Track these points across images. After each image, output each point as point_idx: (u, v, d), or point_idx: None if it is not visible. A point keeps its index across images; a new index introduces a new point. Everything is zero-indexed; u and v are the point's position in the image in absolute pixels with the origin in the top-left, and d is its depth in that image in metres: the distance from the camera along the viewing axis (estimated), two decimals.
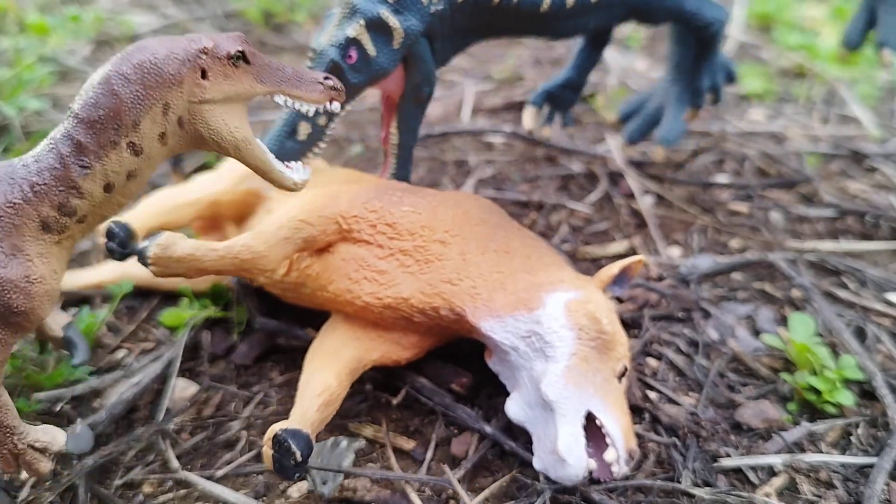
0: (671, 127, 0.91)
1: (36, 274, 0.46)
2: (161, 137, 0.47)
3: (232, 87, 0.47)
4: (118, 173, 0.46)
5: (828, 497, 0.56)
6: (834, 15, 1.67)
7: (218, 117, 0.47)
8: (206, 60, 0.46)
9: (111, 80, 0.45)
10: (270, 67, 0.49)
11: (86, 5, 1.57)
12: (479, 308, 0.55)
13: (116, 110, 0.45)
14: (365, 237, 0.58)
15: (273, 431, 0.51)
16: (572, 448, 0.49)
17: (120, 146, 0.45)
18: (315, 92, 0.50)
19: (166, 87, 0.45)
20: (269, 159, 0.50)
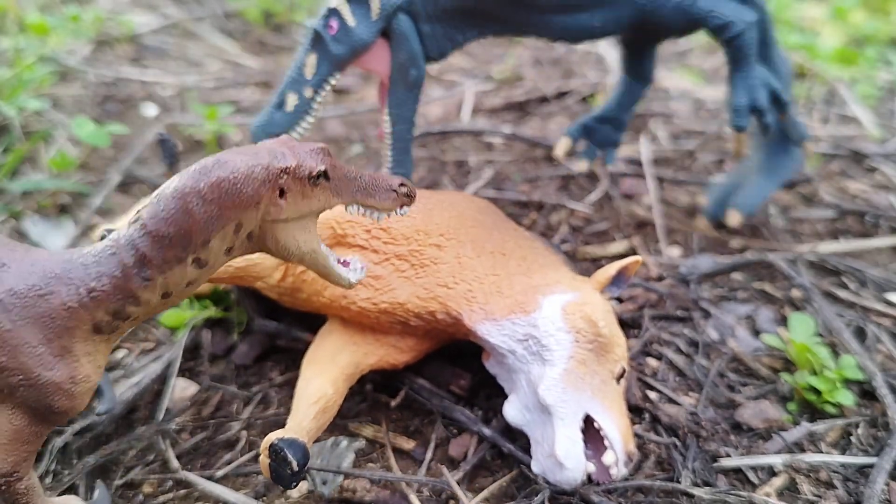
0: (751, 194, 0.84)
1: (81, 375, 0.44)
2: (228, 252, 0.45)
3: (308, 206, 0.46)
4: (179, 284, 0.45)
5: (828, 497, 0.56)
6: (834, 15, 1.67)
7: (289, 234, 0.46)
8: (287, 182, 0.44)
9: (187, 198, 0.42)
10: (347, 179, 0.47)
11: (86, 5, 1.57)
12: (476, 311, 0.55)
13: (188, 230, 0.43)
14: (360, 242, 0.58)
15: (269, 441, 0.50)
16: (570, 451, 0.49)
17: (186, 262, 0.44)
18: (388, 200, 0.48)
19: (243, 209, 0.43)
20: (329, 264, 0.48)
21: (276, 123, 0.63)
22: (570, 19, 0.69)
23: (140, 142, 1.06)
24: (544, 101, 1.25)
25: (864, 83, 1.34)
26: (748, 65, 0.73)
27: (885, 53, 1.50)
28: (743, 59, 0.73)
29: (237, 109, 1.18)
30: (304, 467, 0.50)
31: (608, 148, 0.89)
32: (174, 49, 1.42)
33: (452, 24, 0.68)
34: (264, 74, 1.32)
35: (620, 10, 0.70)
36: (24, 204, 0.92)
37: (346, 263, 0.50)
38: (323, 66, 0.63)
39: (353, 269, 0.50)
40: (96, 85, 1.25)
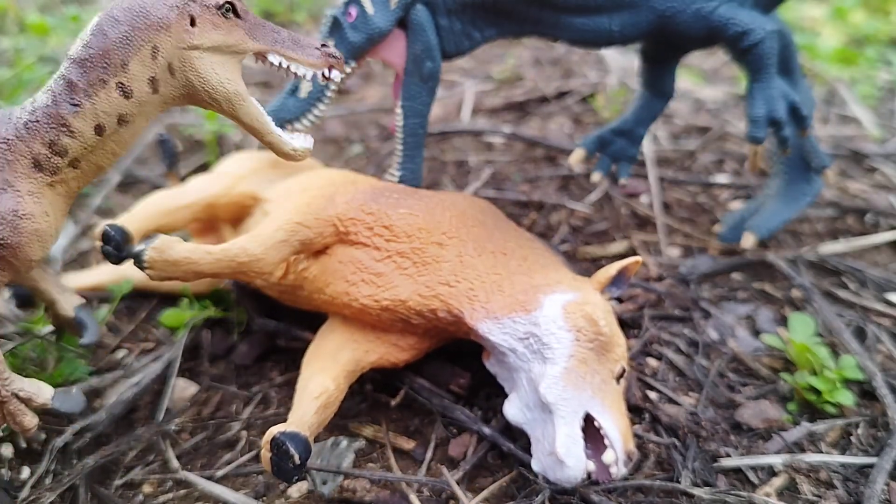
0: (768, 218, 0.82)
1: (25, 210, 0.47)
2: (151, 82, 0.48)
3: (222, 38, 0.48)
4: (108, 114, 0.47)
5: (828, 497, 0.56)
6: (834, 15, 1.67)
7: (208, 66, 0.48)
8: (195, 7, 0.48)
9: (101, 22, 0.47)
10: (265, 27, 0.50)
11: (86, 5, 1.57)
12: (477, 310, 0.55)
13: (105, 49, 0.46)
14: (362, 239, 0.58)
15: (271, 434, 0.51)
16: (571, 449, 0.49)
17: (109, 85, 0.47)
18: (312, 56, 0.50)
19: (154, 30, 0.47)
20: (265, 120, 0.50)
21: (289, 109, 0.63)
22: (588, 21, 0.69)
23: (140, 142, 1.06)
24: (544, 101, 1.25)
25: (864, 83, 1.34)
26: (767, 75, 0.71)
27: (885, 53, 1.50)
28: (762, 69, 0.70)
29: None
30: (305, 461, 0.50)
31: (623, 161, 0.86)
32: None
33: (470, 20, 0.68)
34: (264, 74, 1.32)
35: (639, 15, 0.69)
36: None
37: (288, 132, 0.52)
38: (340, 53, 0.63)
39: (297, 136, 0.51)
40: None
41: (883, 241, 0.87)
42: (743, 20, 0.68)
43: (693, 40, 0.73)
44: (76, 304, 0.62)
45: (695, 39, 0.72)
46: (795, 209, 0.83)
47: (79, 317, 0.62)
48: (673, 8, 0.68)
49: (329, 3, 1.72)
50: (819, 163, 0.81)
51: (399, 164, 0.68)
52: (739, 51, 0.70)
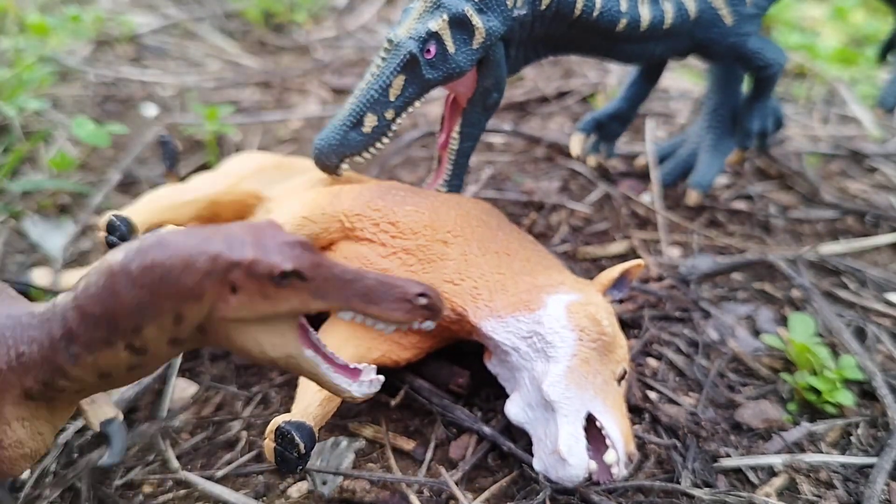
0: (704, 172, 0.90)
1: (10, 439, 0.41)
2: (173, 342, 0.39)
3: (272, 308, 0.38)
4: (116, 367, 0.40)
5: (828, 497, 0.56)
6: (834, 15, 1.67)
7: (250, 336, 0.39)
8: (240, 278, 0.37)
9: (115, 277, 0.38)
10: (338, 280, 0.39)
11: (86, 5, 1.57)
12: (481, 308, 0.55)
13: (113, 312, 0.38)
14: (368, 235, 0.58)
15: (276, 424, 0.50)
16: (573, 448, 0.49)
17: (116, 346, 0.39)
18: (399, 311, 0.39)
19: (179, 299, 0.37)
20: (321, 371, 0.41)
21: (351, 144, 0.60)
22: (638, 48, 0.73)
23: (140, 142, 1.06)
24: (544, 101, 1.25)
25: (864, 83, 1.34)
26: (768, 97, 0.83)
27: None
28: (766, 91, 0.82)
29: (237, 109, 1.18)
30: (310, 451, 0.50)
31: (611, 141, 0.93)
32: (174, 49, 1.42)
33: (534, 47, 0.68)
34: (264, 74, 1.32)
35: (681, 42, 0.75)
36: (24, 204, 0.92)
37: (353, 372, 0.42)
38: (410, 88, 0.60)
39: (363, 381, 0.42)
40: (96, 85, 1.25)
41: (883, 242, 0.87)
42: (767, 55, 0.78)
43: (715, 61, 0.82)
44: (105, 417, 0.54)
45: (718, 61, 0.82)
46: (723, 160, 0.92)
47: (105, 432, 0.54)
48: (710, 39, 0.76)
49: (329, 5, 1.72)
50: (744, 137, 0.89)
51: (446, 180, 0.67)
52: (756, 77, 0.81)
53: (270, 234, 0.38)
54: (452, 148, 0.66)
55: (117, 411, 0.54)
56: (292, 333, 0.40)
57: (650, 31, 0.70)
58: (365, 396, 0.42)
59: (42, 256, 0.84)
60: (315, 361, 0.41)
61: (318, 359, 0.41)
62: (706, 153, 0.91)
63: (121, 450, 0.54)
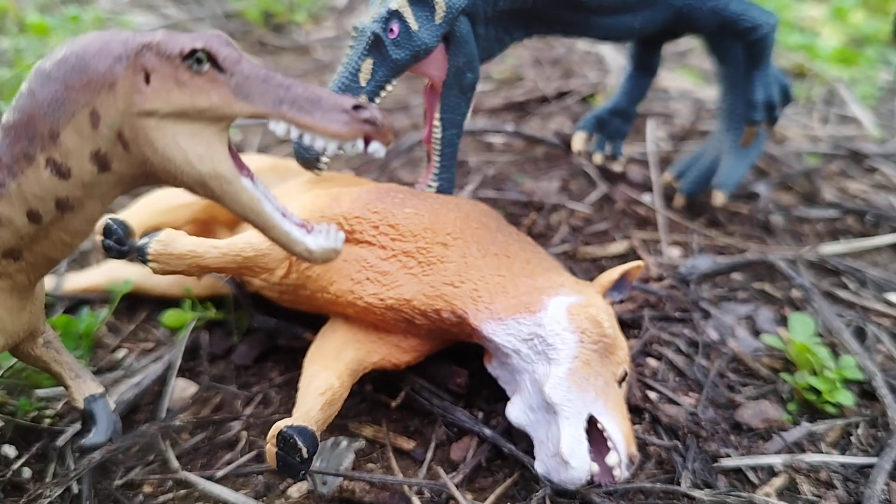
0: (729, 173, 0.88)
1: None
2: (95, 158, 0.36)
3: (188, 99, 0.35)
4: (42, 199, 0.37)
5: (828, 497, 0.56)
6: (834, 15, 1.67)
7: (169, 137, 0.36)
8: (150, 58, 0.35)
9: (32, 78, 0.36)
10: (263, 81, 0.36)
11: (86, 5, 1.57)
12: (481, 311, 0.55)
13: (31, 114, 0.36)
14: (367, 238, 0.58)
15: (277, 429, 0.50)
16: (575, 450, 0.49)
17: (37, 162, 0.36)
18: (336, 122, 0.36)
19: (93, 89, 0.35)
20: (262, 209, 0.37)
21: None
22: (614, 21, 0.72)
23: None
24: (544, 101, 1.25)
25: (864, 83, 1.34)
26: (766, 64, 0.79)
27: (885, 53, 1.50)
28: (763, 59, 0.78)
29: None
30: (312, 455, 0.50)
31: (616, 140, 0.92)
32: None
33: (504, 25, 0.68)
34: None
35: (659, 11, 0.73)
36: None
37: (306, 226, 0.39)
38: (380, 71, 0.60)
39: (318, 231, 0.38)
40: None
41: (883, 242, 0.87)
42: (752, 16, 0.74)
43: (702, 31, 0.79)
44: (88, 393, 0.52)
45: (703, 31, 0.78)
46: (750, 161, 0.90)
47: (88, 409, 0.51)
48: (690, 5, 0.73)
49: (329, 5, 1.72)
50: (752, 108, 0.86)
51: (436, 174, 0.66)
52: (746, 42, 0.76)
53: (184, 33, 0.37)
54: (436, 138, 0.66)
55: (102, 388, 0.52)
56: (221, 148, 0.37)
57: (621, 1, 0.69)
58: (322, 250, 0.38)
59: None
60: (257, 195, 0.37)
61: (258, 193, 0.37)
62: (729, 155, 0.89)
63: (106, 429, 0.51)
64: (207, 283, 0.73)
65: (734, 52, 0.87)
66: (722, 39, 0.82)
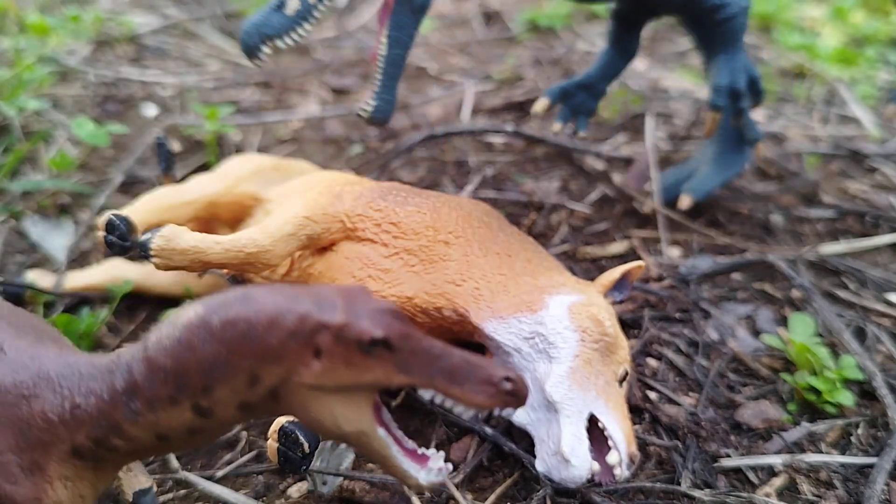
0: (702, 180, 0.87)
1: (50, 499, 0.38)
2: (242, 406, 0.36)
3: (355, 378, 0.35)
4: (176, 430, 0.37)
5: (828, 497, 0.56)
6: (834, 15, 1.67)
7: (325, 407, 0.36)
8: (325, 339, 0.35)
9: (193, 329, 0.35)
10: (424, 354, 0.36)
11: (86, 5, 1.57)
12: (483, 309, 0.55)
13: (185, 367, 0.35)
14: (369, 236, 0.58)
15: (279, 424, 0.50)
16: (576, 449, 0.49)
17: (181, 406, 0.36)
18: (482, 394, 0.36)
19: (259, 358, 0.35)
20: (391, 453, 0.38)
21: (273, 25, 0.60)
22: None
23: (140, 142, 1.06)
24: None
25: (864, 83, 1.34)
26: (735, 48, 0.76)
27: (885, 53, 1.50)
28: (731, 42, 0.75)
29: (237, 109, 1.18)
30: (314, 451, 0.50)
31: (581, 115, 0.89)
32: (174, 49, 1.42)
33: None
34: (264, 74, 1.32)
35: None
36: (24, 204, 0.92)
37: (421, 458, 0.39)
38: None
39: (431, 469, 0.39)
40: (96, 85, 1.25)
41: (883, 242, 0.87)
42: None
43: (670, 7, 0.76)
44: (139, 487, 0.51)
45: (671, 6, 0.75)
46: (727, 176, 0.89)
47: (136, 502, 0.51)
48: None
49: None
50: (752, 136, 0.84)
51: (376, 93, 0.65)
52: (713, 22, 0.74)
53: (362, 299, 0.36)
54: (381, 55, 0.65)
55: (152, 481, 0.52)
56: (368, 408, 0.37)
57: None
58: (431, 486, 0.39)
59: (42, 256, 0.84)
60: (387, 442, 0.38)
61: (389, 440, 0.38)
62: (706, 164, 0.89)
63: None
64: (208, 282, 0.73)
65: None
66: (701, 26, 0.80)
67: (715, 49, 0.77)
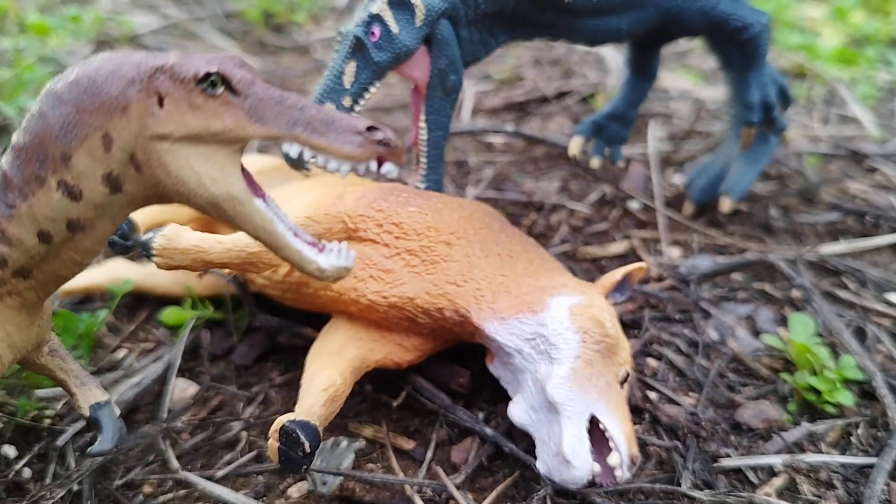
0: (738, 179, 0.87)
1: None
2: (107, 180, 0.36)
3: (202, 123, 0.35)
4: (53, 220, 0.37)
5: (828, 497, 0.56)
6: (834, 15, 1.67)
7: (182, 160, 0.36)
8: (164, 82, 0.35)
9: (43, 100, 0.36)
10: (277, 103, 0.36)
11: (86, 5, 1.57)
12: (484, 310, 0.55)
13: (42, 137, 0.35)
14: (371, 236, 0.58)
15: (280, 423, 0.50)
16: (577, 450, 0.49)
17: (48, 184, 0.36)
18: (349, 143, 0.36)
19: (105, 113, 0.35)
20: (275, 229, 0.38)
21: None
22: (600, 23, 0.71)
23: None
24: (544, 101, 1.25)
25: (864, 83, 1.34)
26: (762, 64, 0.78)
27: (885, 53, 1.50)
28: (758, 59, 0.77)
29: None
30: (315, 450, 0.50)
31: (615, 144, 0.90)
32: (174, 49, 1.42)
33: (488, 28, 0.68)
34: (264, 74, 1.32)
35: (646, 12, 0.72)
36: None
37: (318, 245, 0.39)
38: (363, 74, 0.61)
39: (330, 250, 0.39)
40: None
41: (883, 242, 0.87)
42: (742, 15, 0.73)
43: (691, 32, 0.78)
44: (94, 400, 0.52)
45: (694, 32, 0.77)
46: (759, 169, 0.89)
47: (94, 417, 0.51)
48: (678, 6, 0.72)
49: (329, 5, 1.72)
50: (780, 126, 0.84)
51: (423, 175, 0.67)
52: (738, 43, 0.75)
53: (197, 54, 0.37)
54: (422, 139, 0.66)
55: (108, 395, 0.52)
56: (234, 170, 0.37)
57: (604, 0, 0.68)
58: (334, 268, 0.38)
59: None
60: (269, 216, 0.37)
61: (272, 214, 0.37)
62: (738, 161, 0.88)
63: (112, 436, 0.51)
64: (209, 283, 0.73)
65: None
66: (723, 43, 0.81)
67: (742, 67, 0.79)
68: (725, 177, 0.89)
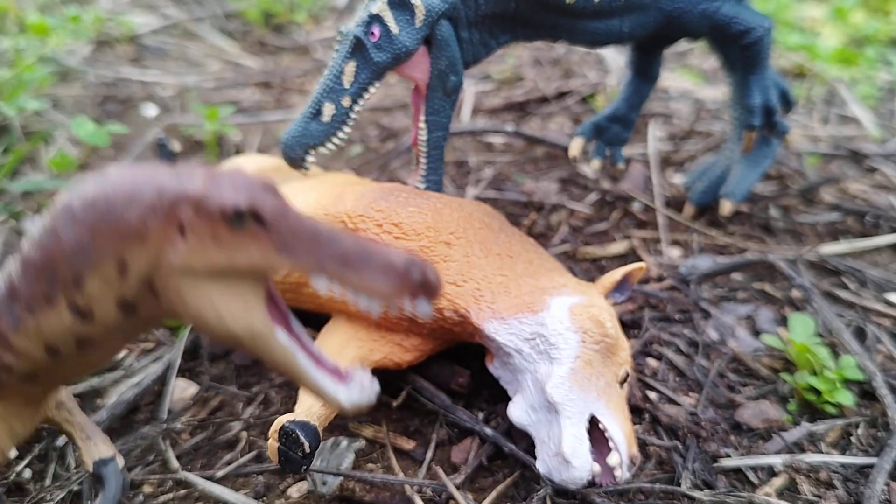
0: (738, 182, 0.87)
1: None
2: (121, 304, 0.34)
3: (227, 258, 0.32)
4: (61, 337, 0.35)
5: (828, 497, 0.56)
6: (834, 15, 1.67)
7: (202, 296, 0.32)
8: (188, 214, 0.32)
9: (56, 217, 0.33)
10: (308, 234, 0.32)
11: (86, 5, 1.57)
12: (483, 310, 0.55)
13: (53, 256, 0.33)
14: (371, 236, 0.58)
15: (280, 423, 0.50)
16: (577, 450, 0.49)
17: (58, 303, 0.34)
18: (386, 284, 0.32)
19: (121, 239, 0.32)
20: (299, 364, 0.34)
21: (312, 134, 0.62)
22: (601, 25, 0.71)
23: (140, 142, 1.06)
24: (544, 101, 1.25)
25: (864, 83, 1.34)
26: (764, 67, 0.78)
27: (885, 53, 1.50)
28: (760, 63, 0.77)
29: (237, 110, 1.18)
30: (315, 451, 0.50)
31: (616, 146, 0.90)
32: (174, 49, 1.42)
33: (489, 29, 0.68)
34: (264, 75, 1.32)
35: (648, 15, 0.72)
36: (24, 204, 0.92)
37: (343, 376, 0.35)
38: (363, 74, 0.62)
39: (354, 385, 0.35)
40: (96, 85, 1.25)
41: (883, 242, 0.87)
42: (745, 19, 0.73)
43: (694, 35, 0.77)
44: (98, 456, 0.51)
45: (696, 35, 0.77)
46: (760, 172, 0.88)
47: (98, 472, 0.50)
48: (680, 9, 0.72)
49: (329, 5, 1.72)
50: (782, 129, 0.84)
51: (423, 176, 0.67)
52: (740, 46, 0.75)
53: (229, 172, 0.33)
54: (422, 140, 0.66)
55: (114, 451, 0.51)
56: (257, 303, 0.33)
57: (605, 3, 0.68)
58: (353, 405, 0.35)
59: None
60: (290, 350, 0.34)
61: (294, 346, 0.34)
62: (740, 164, 0.88)
63: (114, 495, 0.49)
64: None
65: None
66: (725, 45, 0.81)
67: (744, 70, 0.79)
68: (726, 179, 0.89)
